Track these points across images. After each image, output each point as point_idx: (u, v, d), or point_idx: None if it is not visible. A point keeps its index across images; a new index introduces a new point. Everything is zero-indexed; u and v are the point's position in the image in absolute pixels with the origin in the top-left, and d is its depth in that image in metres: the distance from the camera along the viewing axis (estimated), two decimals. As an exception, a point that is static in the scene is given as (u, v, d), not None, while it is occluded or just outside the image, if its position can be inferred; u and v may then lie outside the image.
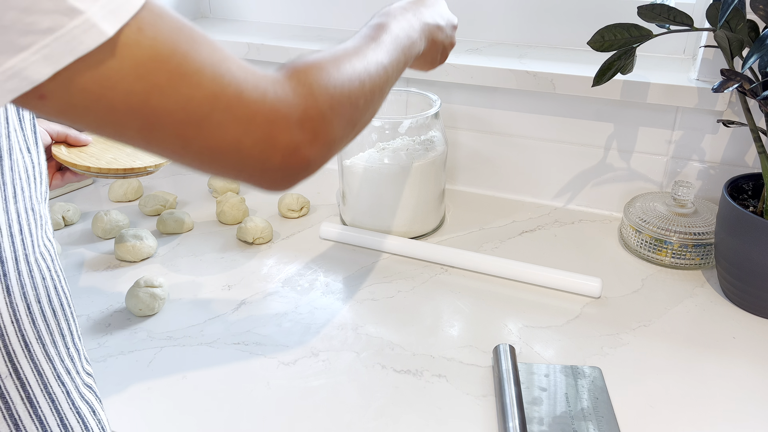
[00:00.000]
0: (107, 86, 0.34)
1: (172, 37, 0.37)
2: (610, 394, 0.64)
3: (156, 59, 0.36)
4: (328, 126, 0.44)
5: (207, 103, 0.37)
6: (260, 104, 0.39)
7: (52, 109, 0.35)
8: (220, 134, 0.38)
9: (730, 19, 0.70)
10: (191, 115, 0.37)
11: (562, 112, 0.96)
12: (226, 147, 0.39)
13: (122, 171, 0.73)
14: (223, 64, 0.38)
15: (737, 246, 0.73)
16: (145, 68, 0.35)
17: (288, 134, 0.41)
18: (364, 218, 0.92)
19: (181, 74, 0.36)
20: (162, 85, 0.36)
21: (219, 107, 0.38)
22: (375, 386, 0.66)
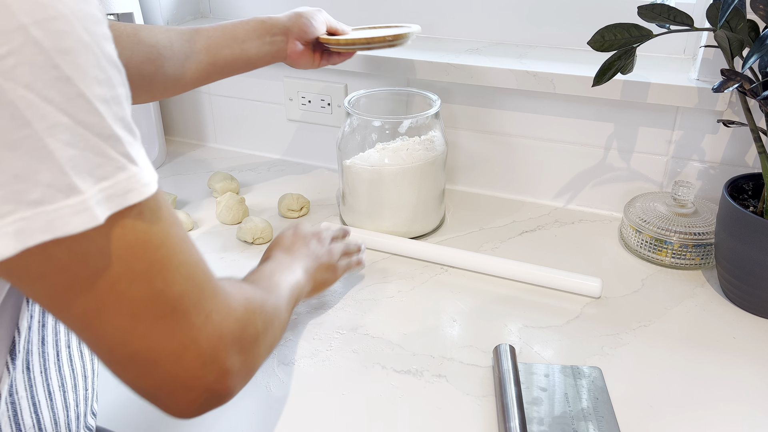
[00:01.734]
0: (78, 260, 0.32)
1: (166, 230, 0.36)
2: (610, 394, 0.64)
3: (144, 247, 0.34)
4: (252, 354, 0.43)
5: (171, 302, 0.36)
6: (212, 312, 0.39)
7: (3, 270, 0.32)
8: (168, 337, 0.36)
9: (730, 19, 0.70)
10: (151, 310, 0.35)
11: (562, 112, 0.96)
12: (168, 351, 0.36)
13: (390, 38, 0.81)
14: (198, 266, 0.39)
15: (737, 246, 0.73)
16: (129, 252, 0.34)
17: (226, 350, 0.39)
18: (364, 218, 0.92)
19: (160, 267, 0.35)
20: (137, 273, 0.34)
21: (179, 309, 0.36)
22: (375, 386, 0.66)
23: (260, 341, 0.44)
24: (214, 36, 0.78)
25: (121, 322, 0.35)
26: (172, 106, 1.24)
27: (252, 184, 1.09)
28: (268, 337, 0.47)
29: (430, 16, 1.07)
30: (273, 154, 1.19)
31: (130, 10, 1.04)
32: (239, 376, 0.41)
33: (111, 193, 0.32)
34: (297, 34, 0.82)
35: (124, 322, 0.35)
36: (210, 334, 0.38)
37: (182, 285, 0.37)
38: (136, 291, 0.34)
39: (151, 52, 0.73)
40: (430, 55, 0.98)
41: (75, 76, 0.30)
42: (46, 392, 0.45)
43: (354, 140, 0.89)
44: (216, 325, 0.39)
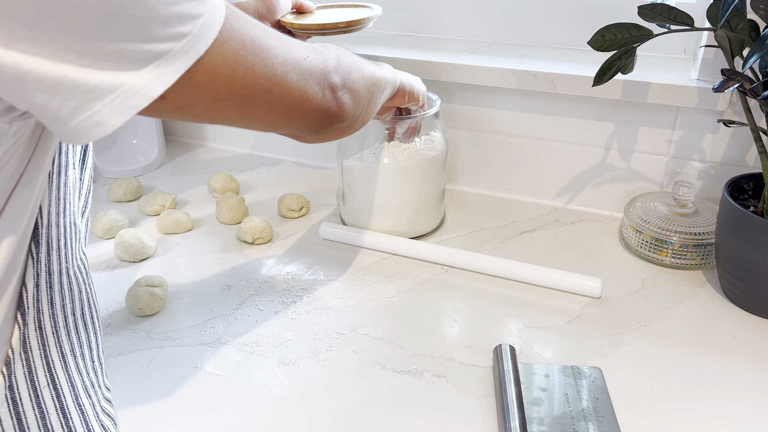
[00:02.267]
0: (214, 77, 0.41)
1: (247, 26, 0.44)
2: (610, 394, 0.64)
3: (244, 45, 0.43)
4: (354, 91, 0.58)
5: (281, 67, 0.47)
6: (316, 62, 0.51)
7: (169, 107, 0.41)
8: (294, 88, 0.48)
9: (730, 19, 0.70)
10: (273, 81, 0.46)
11: (562, 112, 0.95)
12: (299, 98, 0.49)
13: (342, 24, 0.81)
14: (283, 37, 0.49)
15: (738, 246, 0.73)
16: (239, 55, 0.43)
17: (334, 80, 0.54)
18: (364, 218, 0.91)
19: (261, 50, 0.45)
20: (251, 64, 0.44)
21: (290, 68, 0.48)
22: (375, 386, 0.66)
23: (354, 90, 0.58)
24: None
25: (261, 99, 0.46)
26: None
27: (252, 184, 1.09)
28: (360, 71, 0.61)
29: (431, 16, 1.07)
30: (273, 154, 1.19)
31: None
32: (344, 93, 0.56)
33: (206, 26, 0.40)
34: (267, 16, 0.82)
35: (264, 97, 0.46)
36: (316, 72, 0.51)
37: (282, 54, 0.47)
38: (260, 75, 0.45)
39: None
40: (430, 55, 0.98)
41: None
42: (59, 354, 0.47)
43: (354, 140, 0.89)
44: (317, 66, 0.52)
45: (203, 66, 0.40)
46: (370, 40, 1.08)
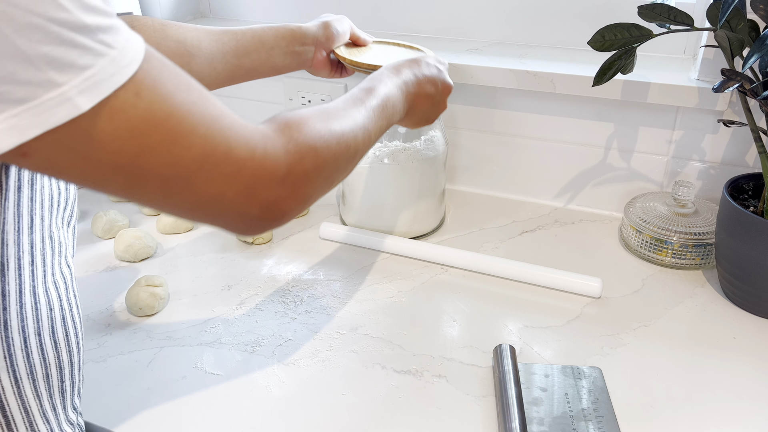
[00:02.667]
0: (96, 147, 0.35)
1: (169, 99, 0.37)
2: (610, 394, 0.64)
3: (151, 122, 0.36)
4: (309, 184, 0.46)
5: (196, 162, 0.38)
6: (248, 160, 0.41)
7: (35, 165, 0.35)
8: (204, 189, 0.40)
9: (730, 19, 0.70)
10: (179, 173, 0.38)
11: (562, 112, 0.95)
12: (208, 200, 0.40)
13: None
14: (216, 122, 0.40)
15: (738, 246, 0.73)
16: (138, 131, 0.36)
17: (269, 189, 0.43)
18: (364, 218, 0.92)
19: (174, 136, 0.37)
20: (153, 147, 0.36)
21: (207, 166, 0.39)
22: (375, 386, 0.66)
23: (310, 178, 0.46)
24: (243, 39, 0.78)
25: (155, 187, 0.38)
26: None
27: (252, 184, 1.09)
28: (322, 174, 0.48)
29: (430, 16, 1.07)
30: (273, 154, 1.19)
31: (130, 9, 1.04)
32: (290, 202, 0.45)
33: (95, 81, 0.33)
34: (324, 44, 0.83)
35: (158, 185, 0.38)
36: (246, 178, 0.41)
37: (202, 146, 0.38)
38: (158, 161, 0.37)
39: (178, 48, 0.74)
40: (430, 55, 0.98)
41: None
42: (11, 379, 0.45)
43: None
44: (251, 171, 0.41)
45: (81, 129, 0.34)
46: (370, 40, 1.08)
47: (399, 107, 0.64)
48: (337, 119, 0.51)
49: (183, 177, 0.38)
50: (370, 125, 0.55)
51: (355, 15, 1.12)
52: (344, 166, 0.52)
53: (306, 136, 0.46)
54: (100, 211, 0.93)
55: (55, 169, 0.35)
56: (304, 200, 0.46)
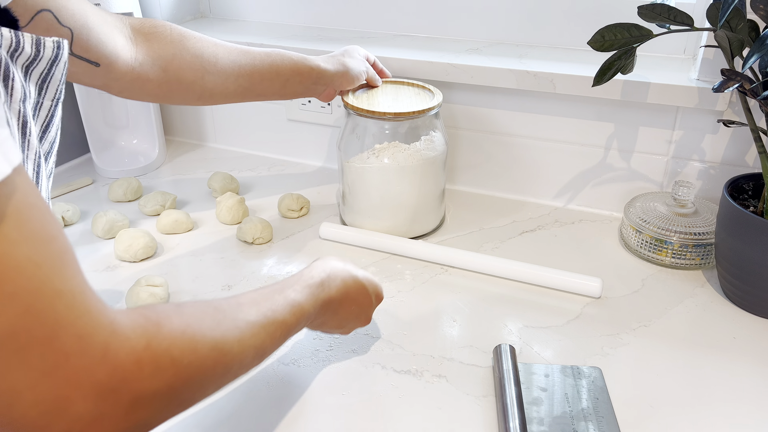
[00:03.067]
0: None
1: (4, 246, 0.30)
2: (610, 394, 0.64)
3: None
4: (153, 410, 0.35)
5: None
6: (71, 356, 0.31)
7: None
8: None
9: (730, 19, 0.70)
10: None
11: (562, 112, 0.95)
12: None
13: (390, 115, 0.84)
14: (56, 299, 0.32)
15: (737, 246, 0.73)
16: None
17: (86, 405, 0.32)
18: (364, 218, 0.92)
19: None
20: None
21: (12, 345, 0.30)
22: (375, 386, 0.66)
23: (160, 400, 0.36)
24: (260, 66, 0.79)
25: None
26: (172, 107, 1.24)
27: (252, 184, 1.09)
28: (177, 399, 0.37)
29: (430, 16, 1.07)
30: (273, 154, 1.19)
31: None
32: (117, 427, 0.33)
33: None
34: (338, 87, 0.87)
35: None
36: (58, 381, 0.31)
37: (13, 319, 0.30)
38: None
39: (194, 62, 0.75)
40: (430, 55, 0.98)
41: None
42: None
43: (354, 140, 0.89)
44: (72, 373, 0.31)
45: None
46: (371, 40, 1.08)
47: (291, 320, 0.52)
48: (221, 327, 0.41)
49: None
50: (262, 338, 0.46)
51: (356, 15, 1.12)
52: (213, 386, 0.41)
53: (173, 343, 0.36)
54: (100, 211, 0.93)
55: None
56: (143, 426, 0.35)
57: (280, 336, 0.49)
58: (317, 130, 1.13)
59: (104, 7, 1.00)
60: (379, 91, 0.91)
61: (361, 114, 0.85)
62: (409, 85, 0.93)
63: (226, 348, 0.41)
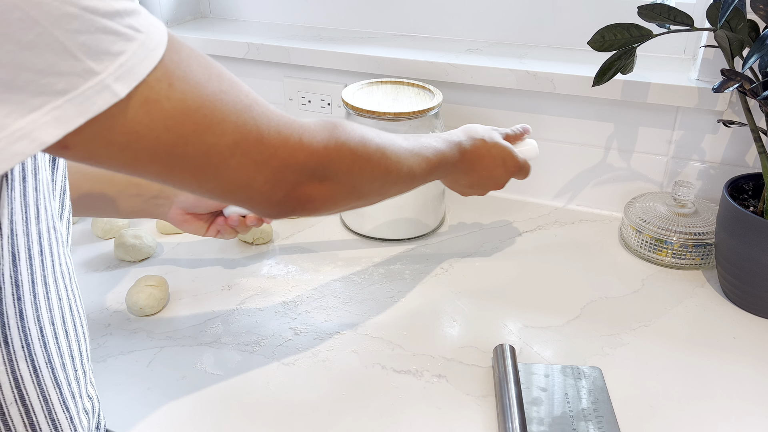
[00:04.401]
0: (134, 139, 0.36)
1: (200, 89, 0.38)
2: (610, 394, 0.64)
3: (184, 112, 0.37)
4: (338, 183, 0.48)
5: (228, 149, 0.40)
6: (279, 148, 0.43)
7: (75, 157, 0.36)
8: (235, 175, 0.42)
9: (730, 19, 0.70)
10: (211, 160, 0.40)
11: (562, 112, 0.95)
12: (238, 185, 0.42)
13: (390, 115, 0.84)
14: (248, 111, 0.41)
15: (737, 246, 0.73)
16: (173, 121, 0.37)
17: (298, 178, 0.45)
18: (364, 218, 0.92)
19: (206, 124, 0.39)
20: (187, 135, 0.38)
21: (238, 152, 0.41)
22: (375, 386, 0.66)
23: (345, 177, 0.48)
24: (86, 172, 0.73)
25: (190, 174, 0.40)
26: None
27: (252, 184, 1.09)
28: (357, 177, 0.50)
29: (431, 16, 1.07)
30: (273, 154, 1.19)
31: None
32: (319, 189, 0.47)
33: (128, 66, 0.34)
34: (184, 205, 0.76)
35: (193, 172, 0.40)
36: (275, 166, 0.43)
37: (234, 134, 0.40)
38: (193, 149, 0.38)
39: None
40: (430, 55, 0.98)
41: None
42: (30, 368, 0.44)
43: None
44: (281, 159, 0.43)
45: (119, 121, 0.34)
46: (370, 40, 1.08)
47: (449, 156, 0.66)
48: (382, 139, 0.54)
49: (215, 164, 0.40)
50: (411, 163, 0.58)
51: (356, 15, 1.12)
52: (377, 184, 0.53)
53: (348, 138, 0.48)
54: (100, 211, 0.93)
55: (95, 160, 0.36)
56: (330, 197, 0.48)
57: (425, 169, 0.61)
58: (317, 130, 1.13)
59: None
60: (379, 91, 0.91)
61: (361, 114, 0.85)
62: (409, 85, 0.93)
63: (387, 152, 0.54)
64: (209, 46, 1.10)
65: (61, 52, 0.32)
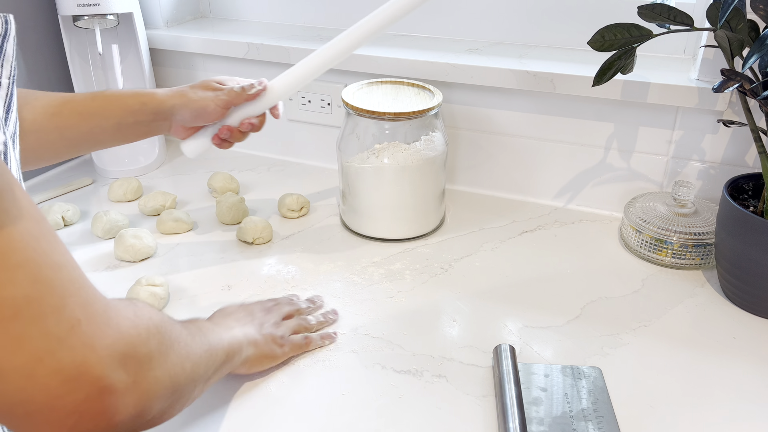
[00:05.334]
0: None
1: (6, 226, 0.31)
2: (610, 394, 0.64)
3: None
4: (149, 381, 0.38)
5: (10, 308, 0.31)
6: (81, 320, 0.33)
7: None
8: (10, 350, 0.31)
9: (730, 19, 0.70)
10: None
11: (562, 112, 0.96)
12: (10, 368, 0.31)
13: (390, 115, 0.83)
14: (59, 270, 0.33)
15: (737, 246, 0.73)
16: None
17: (101, 370, 0.34)
18: (364, 218, 0.92)
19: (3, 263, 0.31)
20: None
21: (25, 316, 0.31)
22: (375, 386, 0.66)
23: (156, 363, 0.38)
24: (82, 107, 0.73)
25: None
26: (172, 106, 1.24)
27: (252, 184, 1.09)
28: (168, 364, 0.40)
29: (430, 16, 1.07)
30: (273, 154, 1.19)
31: (130, 10, 1.04)
32: (128, 396, 0.35)
33: None
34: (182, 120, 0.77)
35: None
36: (75, 345, 0.33)
37: (26, 288, 0.32)
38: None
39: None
40: (430, 55, 0.98)
41: None
42: None
43: (354, 140, 0.89)
44: (86, 337, 0.33)
45: None
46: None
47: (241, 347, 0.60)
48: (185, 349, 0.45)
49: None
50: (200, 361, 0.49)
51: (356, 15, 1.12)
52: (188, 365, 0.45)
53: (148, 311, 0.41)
54: (101, 211, 0.93)
55: None
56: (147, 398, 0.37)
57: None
58: (317, 130, 1.13)
59: (104, 8, 1.01)
60: (379, 91, 0.91)
61: (361, 114, 0.85)
62: (409, 85, 0.93)
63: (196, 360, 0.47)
64: (209, 46, 1.10)
65: None
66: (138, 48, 1.09)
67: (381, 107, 0.85)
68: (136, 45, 1.09)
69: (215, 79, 0.78)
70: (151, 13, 1.14)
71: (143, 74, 1.11)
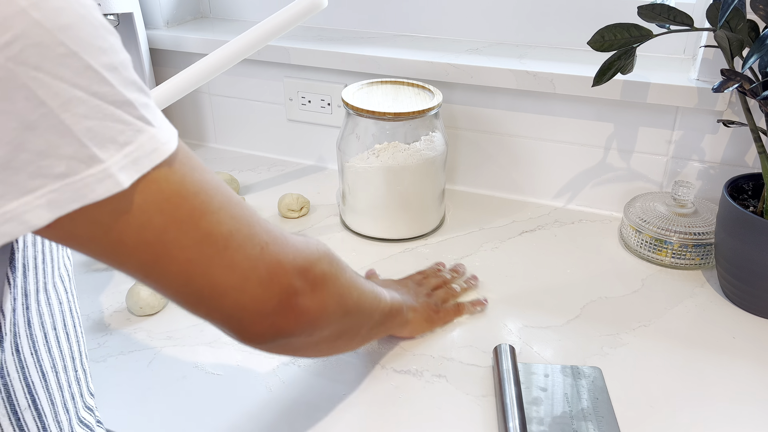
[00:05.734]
0: (121, 219, 0.34)
1: (200, 176, 0.37)
2: (610, 394, 0.64)
3: (182, 195, 0.36)
4: (328, 295, 0.45)
5: (222, 239, 0.38)
6: (270, 244, 0.41)
7: (52, 235, 0.34)
8: (227, 273, 0.38)
9: (730, 19, 0.70)
10: (204, 252, 0.37)
11: (562, 113, 0.96)
12: (228, 287, 0.39)
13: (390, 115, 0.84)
14: (239, 204, 0.40)
15: (737, 246, 0.73)
16: (169, 203, 0.35)
17: (290, 278, 0.41)
18: (364, 218, 0.92)
19: (203, 211, 0.37)
20: (182, 220, 0.36)
21: (233, 245, 0.38)
22: (375, 386, 0.66)
23: (329, 279, 0.45)
24: None
25: (177, 267, 0.37)
26: (172, 107, 1.24)
27: (252, 184, 1.09)
28: (337, 284, 0.47)
29: (431, 16, 1.07)
30: (273, 154, 1.19)
31: (130, 10, 1.04)
32: (309, 300, 0.43)
33: (134, 157, 0.33)
34: None
35: (181, 266, 0.37)
36: (268, 261, 0.40)
37: (229, 224, 0.38)
38: (185, 236, 0.36)
39: None
40: (430, 55, 0.98)
41: (80, 49, 0.31)
42: (39, 373, 0.45)
43: (354, 140, 0.89)
44: (274, 254, 0.41)
45: (112, 203, 0.33)
46: (371, 40, 1.08)
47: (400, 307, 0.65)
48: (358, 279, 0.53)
49: (207, 257, 0.37)
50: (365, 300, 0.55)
51: (356, 15, 1.12)
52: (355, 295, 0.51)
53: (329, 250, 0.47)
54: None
55: (75, 241, 0.34)
56: (323, 308, 0.45)
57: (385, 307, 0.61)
58: (317, 130, 1.13)
59: (104, 8, 1.01)
60: (379, 91, 0.91)
61: (361, 114, 0.85)
62: (409, 85, 0.93)
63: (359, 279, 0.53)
64: (209, 46, 1.10)
65: (65, 134, 0.31)
66: (138, 48, 1.09)
67: (381, 107, 0.85)
68: (136, 45, 1.09)
69: None
70: (151, 13, 1.14)
71: (143, 74, 1.11)
